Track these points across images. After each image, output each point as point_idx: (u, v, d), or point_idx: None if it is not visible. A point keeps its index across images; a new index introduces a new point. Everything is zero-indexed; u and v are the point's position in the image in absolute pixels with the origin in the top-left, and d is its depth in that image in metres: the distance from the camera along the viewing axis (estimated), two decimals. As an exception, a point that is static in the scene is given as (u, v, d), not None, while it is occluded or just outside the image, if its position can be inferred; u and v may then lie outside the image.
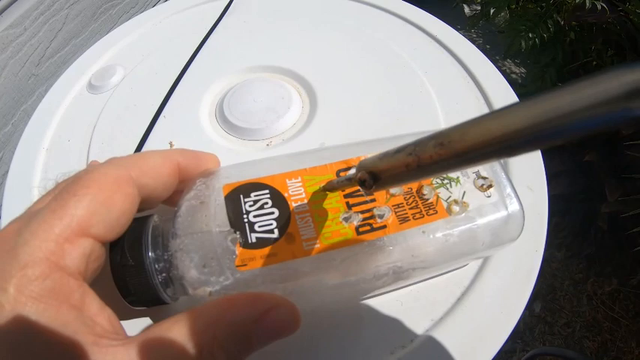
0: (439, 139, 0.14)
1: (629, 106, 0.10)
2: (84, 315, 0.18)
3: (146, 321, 0.27)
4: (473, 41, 0.45)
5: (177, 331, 0.19)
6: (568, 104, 0.11)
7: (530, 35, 1.20)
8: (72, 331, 0.17)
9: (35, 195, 0.36)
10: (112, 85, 0.44)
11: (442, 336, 0.27)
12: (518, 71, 1.51)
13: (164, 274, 0.22)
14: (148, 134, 0.38)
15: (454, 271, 0.29)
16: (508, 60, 1.51)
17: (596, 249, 1.17)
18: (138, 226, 0.22)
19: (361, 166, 0.19)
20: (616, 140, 1.06)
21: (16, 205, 0.35)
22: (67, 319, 0.18)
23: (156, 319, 0.27)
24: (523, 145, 0.12)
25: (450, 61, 0.44)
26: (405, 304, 0.28)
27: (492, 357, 0.27)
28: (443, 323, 0.27)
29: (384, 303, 0.28)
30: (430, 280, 0.29)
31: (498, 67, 0.42)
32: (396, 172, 0.17)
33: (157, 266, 0.22)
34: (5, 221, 0.34)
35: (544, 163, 0.35)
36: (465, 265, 0.30)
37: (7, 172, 0.38)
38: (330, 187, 0.23)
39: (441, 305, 0.28)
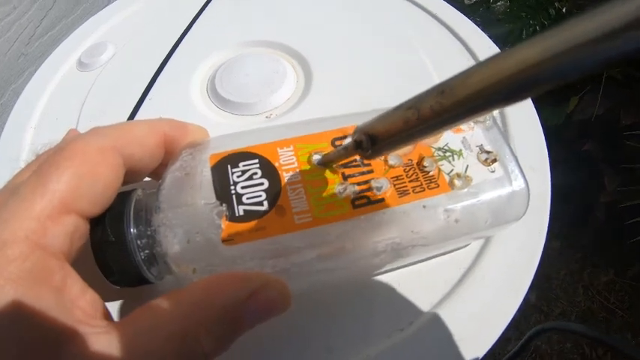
0: (440, 87, 0.14)
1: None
2: (64, 298, 0.17)
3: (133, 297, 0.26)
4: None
5: (159, 315, 0.17)
6: (578, 35, 0.10)
7: (531, 22, 1.18)
8: (52, 316, 0.16)
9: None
10: (102, 62, 0.42)
11: (441, 319, 0.26)
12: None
13: (147, 251, 0.20)
14: (137, 110, 0.37)
15: (454, 252, 0.28)
16: (507, 48, 1.49)
17: (593, 239, 1.16)
18: (120, 200, 0.21)
19: (358, 129, 0.18)
20: (615, 130, 1.05)
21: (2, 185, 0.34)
22: (46, 304, 0.16)
23: (144, 298, 0.26)
24: (531, 84, 0.12)
25: (449, 38, 0.42)
26: (402, 286, 0.27)
27: (494, 341, 0.25)
28: (442, 306, 0.26)
29: (381, 284, 0.27)
30: (429, 261, 0.28)
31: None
32: (394, 130, 0.16)
33: (139, 242, 0.20)
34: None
35: (547, 144, 0.34)
36: (466, 246, 0.28)
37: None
38: (325, 161, 0.21)
39: (441, 287, 0.27)
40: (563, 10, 1.21)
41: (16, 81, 0.66)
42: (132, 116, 0.36)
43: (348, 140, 0.22)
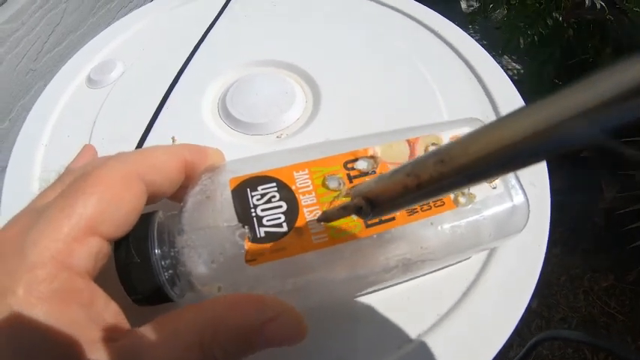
0: (439, 155, 0.13)
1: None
2: (92, 313, 0.18)
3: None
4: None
5: (180, 325, 0.19)
6: (584, 101, 0.10)
7: (529, 32, 1.20)
8: (80, 330, 0.17)
9: (35, 189, 0.35)
10: (111, 79, 0.43)
11: (448, 330, 0.27)
12: (514, 68, 1.50)
13: (170, 271, 0.22)
14: (150, 130, 0.38)
15: (459, 266, 0.29)
16: (505, 56, 1.51)
17: (593, 245, 1.17)
18: (143, 222, 0.22)
19: (357, 192, 0.18)
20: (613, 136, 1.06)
21: (15, 202, 0.35)
22: (76, 319, 0.18)
23: (162, 311, 0.27)
24: (537, 153, 0.11)
25: (452, 57, 0.43)
26: (411, 299, 0.28)
27: (498, 349, 0.27)
28: (449, 317, 0.28)
29: (391, 297, 0.28)
30: (436, 274, 0.29)
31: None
32: (393, 196, 0.16)
33: (163, 263, 0.21)
34: (4, 218, 0.34)
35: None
36: (469, 258, 0.30)
37: (4, 168, 0.38)
38: (325, 218, 0.21)
39: (447, 299, 0.28)
40: (560, 19, 1.22)
41: (24, 97, 0.67)
42: (145, 135, 0.37)
43: (346, 202, 0.22)
